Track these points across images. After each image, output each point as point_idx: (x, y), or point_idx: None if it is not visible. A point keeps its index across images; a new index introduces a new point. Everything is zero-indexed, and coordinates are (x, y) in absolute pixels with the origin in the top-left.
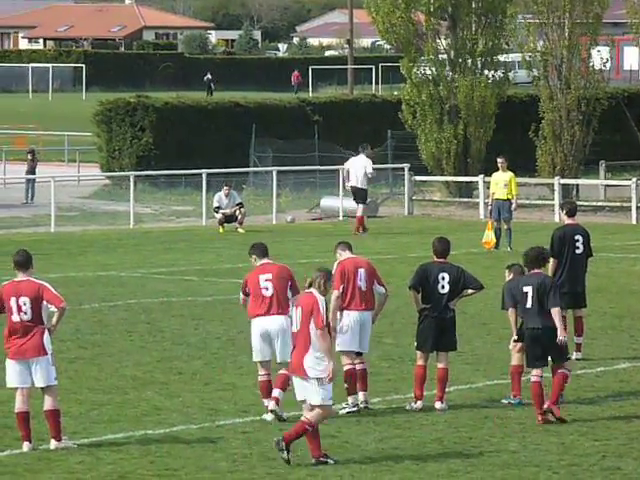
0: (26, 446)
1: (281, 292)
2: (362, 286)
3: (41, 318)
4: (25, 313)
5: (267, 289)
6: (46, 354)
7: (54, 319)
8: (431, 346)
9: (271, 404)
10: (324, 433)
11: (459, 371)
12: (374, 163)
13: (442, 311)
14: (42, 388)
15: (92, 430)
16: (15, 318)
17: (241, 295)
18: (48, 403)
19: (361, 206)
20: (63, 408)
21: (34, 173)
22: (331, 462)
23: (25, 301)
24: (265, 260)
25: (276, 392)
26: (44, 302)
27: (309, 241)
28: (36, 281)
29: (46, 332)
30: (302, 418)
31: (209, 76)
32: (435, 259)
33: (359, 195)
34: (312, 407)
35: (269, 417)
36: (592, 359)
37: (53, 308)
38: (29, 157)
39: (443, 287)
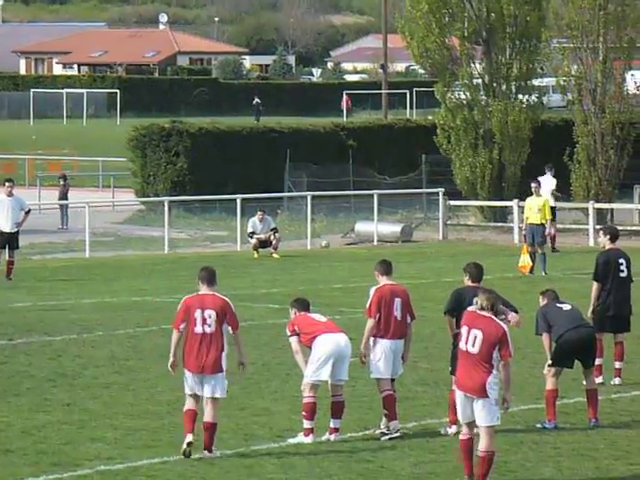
0: (189, 437)
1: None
2: (398, 316)
3: (222, 332)
4: (209, 326)
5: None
6: (222, 371)
7: (239, 348)
8: None
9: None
10: (359, 457)
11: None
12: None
13: None
14: (207, 398)
15: (127, 455)
16: (198, 329)
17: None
18: (209, 415)
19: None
20: (98, 434)
21: (66, 198)
22: None
23: (210, 314)
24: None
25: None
26: (224, 323)
27: (344, 266)
28: (221, 296)
29: (225, 350)
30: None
31: (257, 100)
32: (470, 283)
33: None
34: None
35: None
36: (628, 383)
37: (229, 329)
38: (61, 182)
39: None
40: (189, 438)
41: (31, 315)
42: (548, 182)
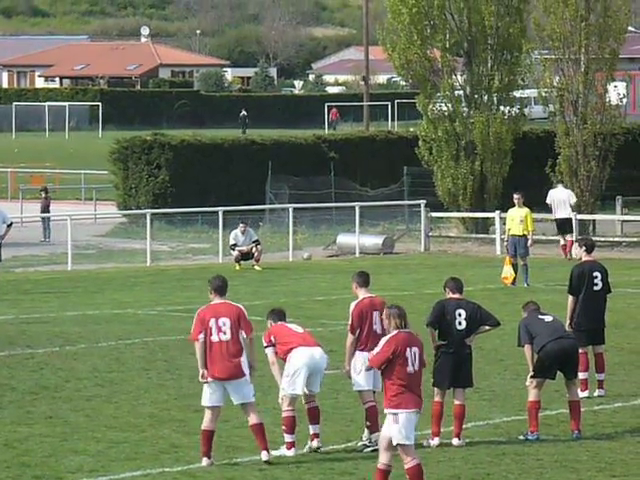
0: (205, 462)
1: None
2: (377, 329)
3: (239, 338)
4: (224, 333)
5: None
6: (244, 375)
7: (251, 353)
8: (448, 383)
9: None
10: (341, 470)
11: (476, 407)
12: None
13: (459, 347)
14: (242, 404)
15: (110, 468)
16: (214, 339)
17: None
18: (253, 418)
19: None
20: (80, 446)
21: (48, 211)
22: None
23: (225, 322)
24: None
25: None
26: (240, 329)
27: (326, 278)
28: (234, 304)
29: (245, 354)
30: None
31: (244, 112)
32: (451, 295)
33: (568, 224)
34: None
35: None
36: (610, 395)
37: (243, 334)
38: (42, 195)
39: (460, 323)
40: (205, 462)
41: (13, 328)
42: (565, 194)
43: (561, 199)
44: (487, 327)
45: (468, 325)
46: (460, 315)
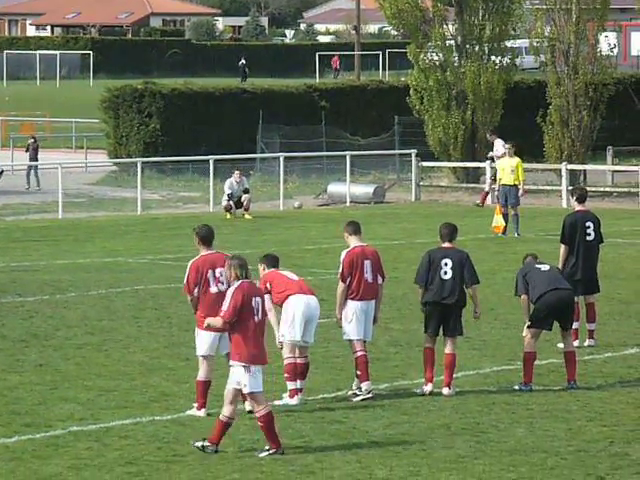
0: (203, 412)
1: None
2: (369, 278)
3: None
4: (222, 283)
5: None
6: None
7: None
8: (434, 330)
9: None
10: (332, 418)
11: (466, 357)
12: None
13: (445, 297)
14: (229, 354)
15: (99, 416)
16: (213, 289)
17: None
18: None
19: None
20: (71, 394)
21: (37, 159)
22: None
23: (222, 272)
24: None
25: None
26: None
27: (316, 227)
28: (224, 253)
29: None
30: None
31: (243, 61)
32: (441, 244)
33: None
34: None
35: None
36: (600, 345)
37: None
38: (31, 142)
39: (446, 273)
40: (203, 413)
41: (3, 276)
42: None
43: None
44: (470, 290)
45: (453, 275)
46: (446, 265)
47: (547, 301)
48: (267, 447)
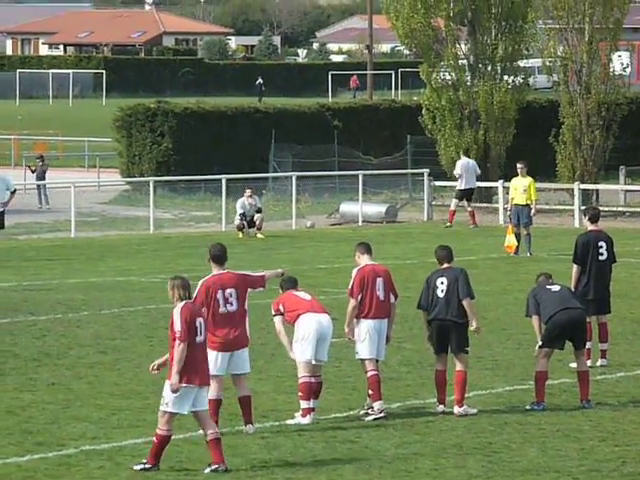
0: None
1: None
2: (381, 296)
3: (245, 308)
4: (231, 304)
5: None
6: (248, 344)
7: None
8: (439, 349)
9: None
10: (344, 438)
11: (478, 377)
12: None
13: (444, 314)
14: (236, 376)
15: (112, 435)
16: (222, 310)
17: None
18: (244, 390)
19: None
20: (82, 413)
21: (44, 178)
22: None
23: (231, 292)
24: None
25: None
26: (249, 290)
27: (328, 246)
28: (235, 272)
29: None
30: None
31: (260, 80)
32: (439, 267)
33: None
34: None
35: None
36: (612, 365)
37: (259, 290)
38: (39, 163)
39: (442, 291)
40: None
41: (16, 295)
42: (472, 165)
43: (470, 169)
44: (466, 305)
45: (447, 292)
46: (442, 283)
47: (558, 321)
48: (144, 461)
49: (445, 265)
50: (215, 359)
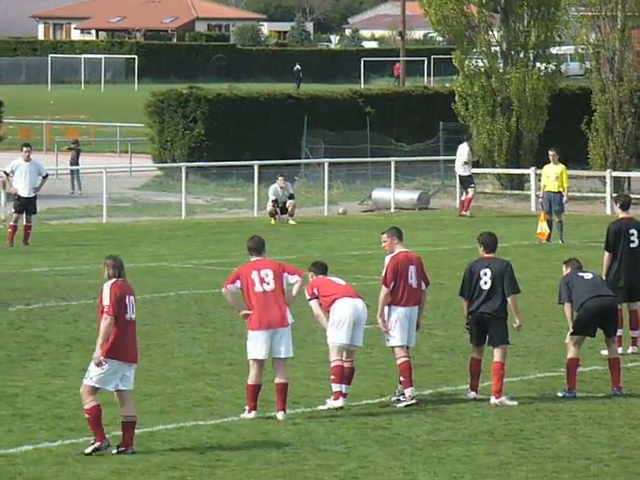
0: (253, 414)
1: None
2: (413, 283)
3: (283, 289)
4: (268, 284)
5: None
6: (289, 324)
7: (295, 288)
8: (478, 340)
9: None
10: (375, 424)
11: (510, 363)
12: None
13: (486, 308)
14: (277, 360)
15: (143, 421)
16: (258, 289)
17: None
18: (282, 376)
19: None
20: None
21: (78, 163)
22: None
23: (267, 273)
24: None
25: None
26: (285, 274)
27: (361, 233)
28: (274, 260)
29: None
30: None
31: (298, 67)
32: (482, 254)
33: (462, 182)
34: None
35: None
36: None
37: (295, 279)
38: (73, 146)
39: (486, 283)
40: (253, 415)
41: (48, 280)
42: (463, 152)
43: (458, 155)
44: (510, 302)
45: (493, 284)
46: (486, 274)
47: (589, 308)
48: (92, 442)
49: (489, 254)
50: (256, 340)
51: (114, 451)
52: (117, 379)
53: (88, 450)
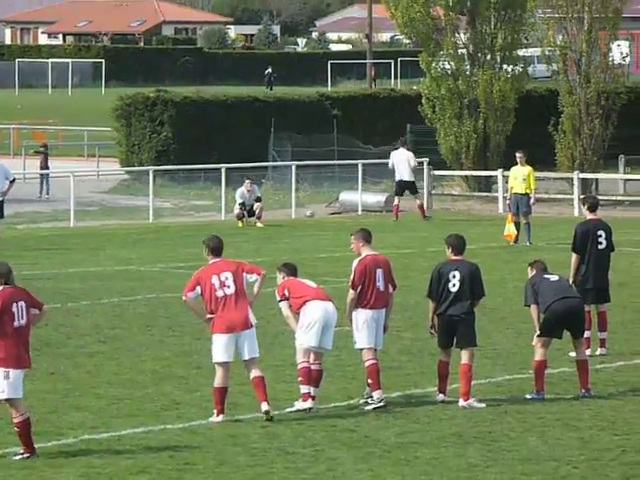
0: (221, 418)
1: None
2: (380, 286)
3: (244, 290)
4: (228, 287)
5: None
6: (252, 326)
7: (255, 287)
8: (445, 343)
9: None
10: (343, 427)
11: (478, 366)
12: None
13: (454, 310)
14: (247, 361)
15: (111, 425)
16: (219, 294)
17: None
18: (256, 371)
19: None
20: (82, 403)
21: (47, 167)
22: None
23: (227, 276)
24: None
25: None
26: (244, 274)
27: (328, 235)
28: (232, 260)
29: (251, 307)
30: None
31: (269, 70)
32: (450, 257)
33: (409, 188)
34: None
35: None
36: (612, 354)
37: (254, 277)
38: (42, 151)
39: (454, 285)
40: (221, 418)
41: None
42: (404, 157)
43: (401, 161)
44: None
45: (462, 287)
46: (454, 277)
47: (556, 310)
48: (21, 451)
49: (457, 257)
50: (220, 343)
51: (17, 457)
52: (21, 384)
53: (16, 457)
